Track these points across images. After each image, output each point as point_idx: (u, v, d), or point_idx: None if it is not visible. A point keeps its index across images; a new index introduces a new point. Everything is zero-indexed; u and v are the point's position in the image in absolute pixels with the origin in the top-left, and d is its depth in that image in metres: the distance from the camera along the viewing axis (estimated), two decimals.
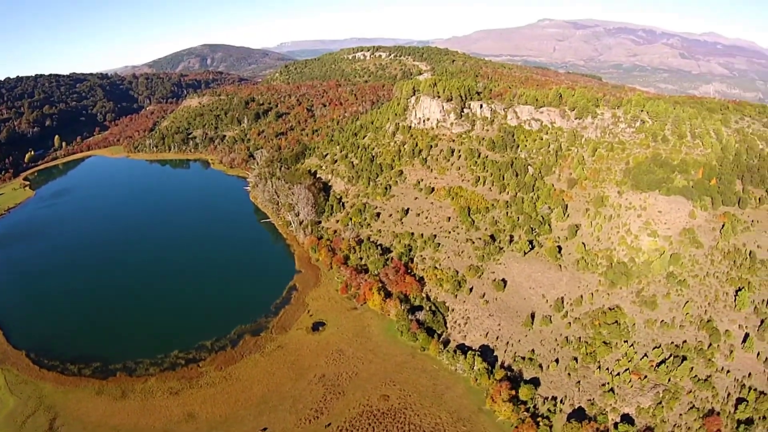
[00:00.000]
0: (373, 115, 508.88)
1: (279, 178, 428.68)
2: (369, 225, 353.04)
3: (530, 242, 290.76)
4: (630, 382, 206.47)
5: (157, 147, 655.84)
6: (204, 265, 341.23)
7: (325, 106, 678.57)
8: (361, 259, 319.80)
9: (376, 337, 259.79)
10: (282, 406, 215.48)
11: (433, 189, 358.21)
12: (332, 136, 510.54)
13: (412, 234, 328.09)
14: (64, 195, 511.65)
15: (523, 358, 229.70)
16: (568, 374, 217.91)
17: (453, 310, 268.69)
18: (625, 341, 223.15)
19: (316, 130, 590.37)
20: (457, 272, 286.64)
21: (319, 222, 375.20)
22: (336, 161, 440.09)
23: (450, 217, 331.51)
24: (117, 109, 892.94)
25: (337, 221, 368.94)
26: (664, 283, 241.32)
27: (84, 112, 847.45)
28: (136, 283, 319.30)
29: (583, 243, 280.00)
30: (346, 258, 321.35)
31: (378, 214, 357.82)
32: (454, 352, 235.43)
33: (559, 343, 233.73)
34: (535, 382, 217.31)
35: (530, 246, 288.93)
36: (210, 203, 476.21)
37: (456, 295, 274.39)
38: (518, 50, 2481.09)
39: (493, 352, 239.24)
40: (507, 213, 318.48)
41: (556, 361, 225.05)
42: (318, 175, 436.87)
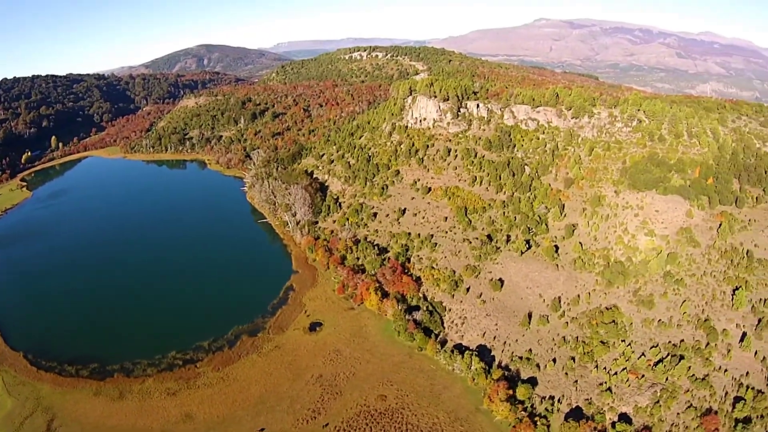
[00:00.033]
0: (369, 115, 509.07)
1: (276, 179, 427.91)
2: (366, 225, 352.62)
3: (527, 242, 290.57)
4: (627, 381, 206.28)
5: (153, 147, 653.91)
6: (201, 265, 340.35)
7: (321, 106, 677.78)
8: (358, 259, 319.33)
9: (374, 337, 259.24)
10: (279, 406, 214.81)
11: (429, 189, 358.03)
12: (329, 136, 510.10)
13: (409, 234, 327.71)
14: (61, 196, 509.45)
15: (521, 358, 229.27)
16: (566, 374, 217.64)
17: (450, 309, 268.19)
18: (623, 340, 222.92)
19: (313, 130, 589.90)
20: (454, 272, 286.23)
21: (316, 222, 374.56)
22: (333, 161, 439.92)
23: (447, 217, 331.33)
24: (114, 109, 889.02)
25: (334, 221, 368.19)
26: (661, 283, 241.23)
27: (81, 112, 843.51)
28: (134, 284, 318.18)
29: (580, 242, 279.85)
30: (343, 258, 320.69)
31: (375, 214, 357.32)
32: (452, 351, 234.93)
33: (557, 342, 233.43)
34: (532, 382, 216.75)
35: (527, 246, 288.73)
36: (207, 204, 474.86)
37: (453, 295, 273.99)
38: (515, 50, 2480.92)
39: (491, 351, 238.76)
40: (504, 213, 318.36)
41: (554, 360, 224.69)
42: (315, 176, 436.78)
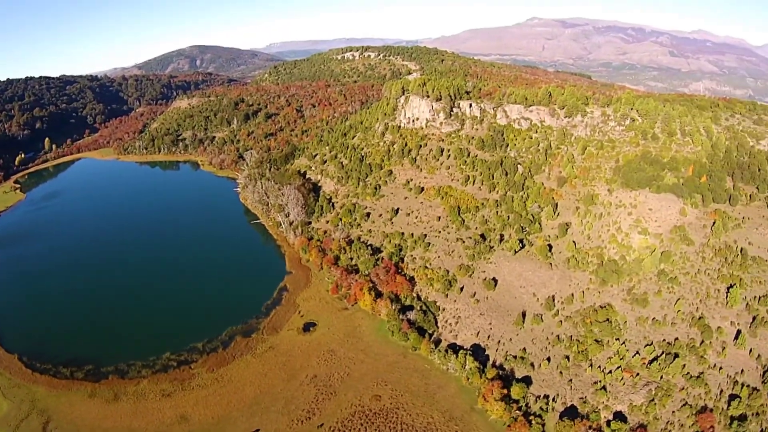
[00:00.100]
0: (362, 115, 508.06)
1: (269, 179, 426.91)
2: (359, 225, 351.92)
3: (520, 241, 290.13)
4: (622, 379, 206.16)
5: (146, 149, 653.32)
6: (195, 266, 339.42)
7: (314, 106, 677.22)
8: (351, 259, 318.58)
9: (368, 337, 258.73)
10: (274, 407, 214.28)
11: (422, 189, 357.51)
12: (321, 136, 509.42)
13: (402, 234, 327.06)
14: (54, 198, 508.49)
15: (515, 357, 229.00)
16: (560, 372, 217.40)
17: (444, 309, 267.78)
18: (617, 339, 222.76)
19: (306, 131, 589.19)
20: (448, 272, 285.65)
21: (309, 223, 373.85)
22: (325, 162, 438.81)
23: (440, 217, 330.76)
24: (107, 111, 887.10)
25: (327, 222, 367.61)
26: (655, 281, 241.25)
27: (74, 114, 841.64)
28: (127, 285, 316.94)
29: (573, 241, 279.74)
30: (337, 258, 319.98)
31: (368, 214, 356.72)
32: (446, 351, 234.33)
33: (551, 341, 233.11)
34: (527, 381, 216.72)
35: (520, 245, 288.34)
36: (200, 205, 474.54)
37: (447, 295, 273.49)
38: (507, 49, 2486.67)
39: (485, 351, 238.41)
40: (497, 212, 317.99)
41: (548, 359, 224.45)
42: (307, 176, 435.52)
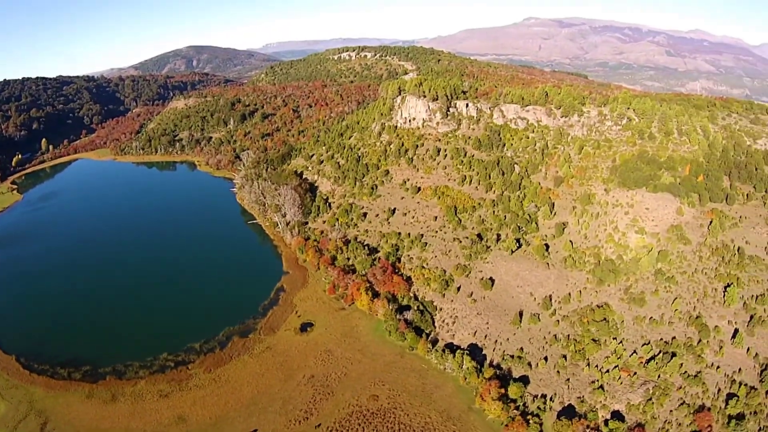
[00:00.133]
0: (358, 115, 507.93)
1: (265, 179, 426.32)
2: (356, 225, 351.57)
3: (517, 241, 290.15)
4: (620, 379, 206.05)
5: (143, 149, 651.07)
6: (191, 267, 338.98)
7: (311, 106, 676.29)
8: (348, 259, 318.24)
9: (365, 337, 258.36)
10: (272, 407, 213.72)
11: (419, 188, 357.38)
12: (318, 136, 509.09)
13: (399, 234, 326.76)
14: (51, 198, 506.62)
15: (512, 357, 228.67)
16: (558, 372, 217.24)
17: (441, 309, 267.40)
18: (614, 338, 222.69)
19: (302, 131, 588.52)
20: (445, 271, 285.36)
21: (306, 223, 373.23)
22: (322, 162, 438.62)
23: (437, 217, 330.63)
24: (103, 111, 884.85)
25: (324, 222, 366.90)
26: (652, 280, 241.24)
27: (71, 114, 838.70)
28: (125, 286, 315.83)
29: (570, 241, 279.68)
30: (334, 258, 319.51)
31: (365, 214, 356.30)
32: (443, 351, 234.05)
33: (548, 341, 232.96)
34: (524, 381, 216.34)
35: (517, 244, 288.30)
36: (197, 205, 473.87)
37: (444, 295, 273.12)
38: (504, 49, 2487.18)
39: (482, 350, 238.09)
40: (494, 212, 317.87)
41: (545, 359, 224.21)
42: (304, 176, 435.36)
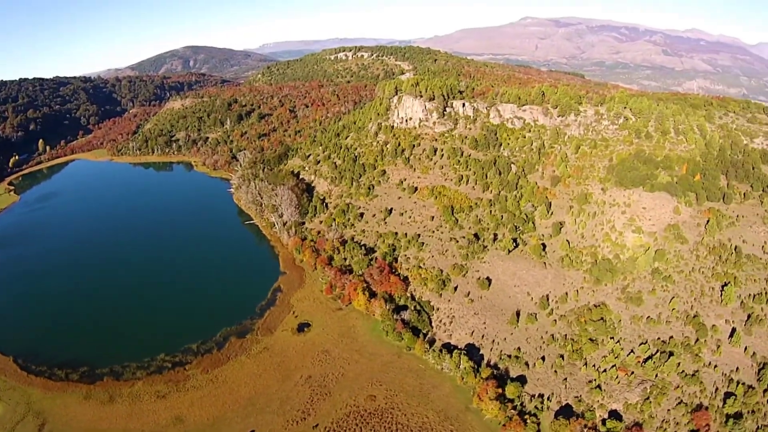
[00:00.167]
0: (355, 115, 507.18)
1: (262, 180, 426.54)
2: (353, 225, 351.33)
3: (514, 240, 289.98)
4: (617, 378, 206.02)
5: (140, 150, 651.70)
6: (188, 267, 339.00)
7: (307, 106, 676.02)
8: (345, 259, 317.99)
9: (362, 337, 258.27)
10: (269, 407, 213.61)
11: (416, 188, 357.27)
12: (315, 136, 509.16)
13: (396, 234, 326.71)
14: (48, 199, 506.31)
15: (509, 356, 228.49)
16: (555, 371, 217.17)
17: (438, 309, 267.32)
18: (611, 338, 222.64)
19: (299, 131, 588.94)
20: (442, 271, 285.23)
21: (303, 223, 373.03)
22: (319, 162, 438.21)
23: (433, 217, 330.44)
24: (100, 112, 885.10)
25: (321, 222, 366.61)
26: (649, 279, 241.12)
27: (68, 115, 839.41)
28: (122, 286, 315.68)
29: (567, 240, 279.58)
30: (330, 259, 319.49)
31: (361, 215, 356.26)
32: (440, 351, 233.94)
33: (545, 340, 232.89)
34: (521, 380, 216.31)
35: (514, 244, 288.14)
36: (194, 206, 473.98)
37: (441, 294, 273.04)
38: (500, 49, 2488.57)
39: (479, 350, 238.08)
40: (490, 211, 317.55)
41: (543, 358, 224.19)
42: (301, 176, 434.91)
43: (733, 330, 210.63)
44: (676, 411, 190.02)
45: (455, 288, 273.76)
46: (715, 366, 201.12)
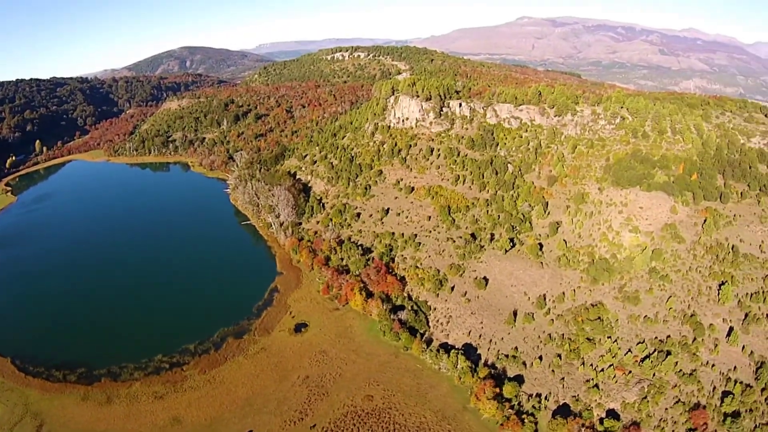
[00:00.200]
0: (352, 115, 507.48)
1: (259, 180, 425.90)
2: (349, 225, 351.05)
3: (511, 240, 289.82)
4: (614, 377, 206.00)
5: (137, 150, 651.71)
6: (186, 268, 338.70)
7: (304, 107, 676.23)
8: (342, 259, 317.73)
9: (359, 337, 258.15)
10: (267, 408, 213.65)
11: (413, 188, 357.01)
12: (311, 137, 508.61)
13: (393, 234, 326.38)
14: (45, 200, 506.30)
15: (507, 356, 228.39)
16: (552, 371, 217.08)
17: (435, 309, 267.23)
18: (609, 337, 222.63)
19: (296, 131, 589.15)
20: (439, 271, 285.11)
21: (300, 223, 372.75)
22: (315, 162, 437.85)
23: (430, 216, 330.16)
24: (97, 112, 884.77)
25: (318, 222, 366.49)
26: (646, 279, 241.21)
27: (64, 116, 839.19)
28: (119, 287, 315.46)
29: (564, 240, 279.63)
30: (327, 259, 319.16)
31: (358, 215, 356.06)
32: (437, 351, 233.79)
33: (542, 340, 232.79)
34: (519, 380, 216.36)
35: (511, 244, 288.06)
36: (191, 206, 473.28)
37: (438, 294, 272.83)
38: (497, 49, 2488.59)
39: (477, 350, 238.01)
40: (487, 211, 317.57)
41: (540, 358, 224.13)
42: (298, 177, 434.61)
43: (731, 329, 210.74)
44: (674, 410, 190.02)
45: (452, 288, 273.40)
46: (713, 365, 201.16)
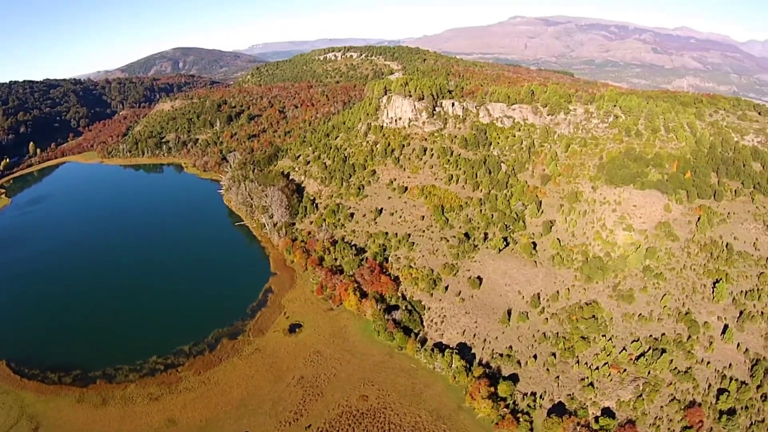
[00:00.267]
0: (345, 115, 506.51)
1: (252, 181, 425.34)
2: (343, 225, 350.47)
3: (505, 239, 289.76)
4: (609, 375, 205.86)
5: (130, 152, 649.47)
6: (179, 269, 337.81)
7: (297, 107, 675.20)
8: (335, 259, 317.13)
9: (353, 337, 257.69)
10: (262, 409, 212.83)
11: (406, 188, 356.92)
12: (304, 137, 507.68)
13: (387, 234, 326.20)
14: (39, 202, 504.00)
15: (501, 355, 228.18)
16: (547, 370, 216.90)
17: (429, 308, 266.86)
18: (603, 335, 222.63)
19: (289, 132, 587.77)
20: (432, 271, 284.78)
21: (293, 224, 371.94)
22: (309, 162, 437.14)
23: (424, 216, 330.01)
24: (90, 114, 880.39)
25: (311, 222, 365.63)
26: (640, 277, 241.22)
27: (58, 118, 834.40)
28: (114, 289, 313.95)
29: (558, 239, 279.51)
30: (321, 259, 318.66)
31: (352, 215, 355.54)
32: (432, 350, 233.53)
33: (537, 339, 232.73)
34: (513, 379, 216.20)
35: (505, 243, 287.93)
36: (184, 207, 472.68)
37: (432, 294, 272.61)
38: (489, 48, 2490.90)
39: (471, 349, 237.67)
40: (481, 210, 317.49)
41: (534, 357, 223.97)
42: (291, 177, 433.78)
43: (726, 327, 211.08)
44: (669, 408, 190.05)
45: (446, 287, 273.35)
46: (708, 363, 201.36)
